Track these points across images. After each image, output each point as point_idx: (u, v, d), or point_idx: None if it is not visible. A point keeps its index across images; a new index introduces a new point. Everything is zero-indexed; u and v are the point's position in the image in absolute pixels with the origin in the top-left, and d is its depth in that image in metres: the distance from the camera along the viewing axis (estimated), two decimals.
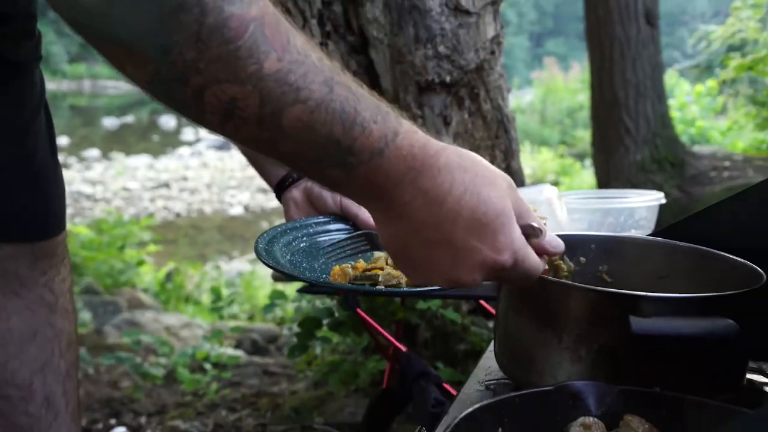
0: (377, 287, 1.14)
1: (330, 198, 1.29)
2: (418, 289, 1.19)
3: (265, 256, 1.18)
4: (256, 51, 0.67)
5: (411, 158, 0.76)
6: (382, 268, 1.18)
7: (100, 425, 2.52)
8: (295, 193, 1.31)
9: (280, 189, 1.33)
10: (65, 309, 1.33)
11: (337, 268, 1.17)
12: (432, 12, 2.13)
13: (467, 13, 2.17)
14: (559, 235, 1.14)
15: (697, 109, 10.78)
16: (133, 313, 4.48)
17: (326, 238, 1.29)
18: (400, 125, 0.77)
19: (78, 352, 1.37)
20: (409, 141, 0.77)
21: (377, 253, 1.24)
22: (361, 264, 1.22)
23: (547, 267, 0.90)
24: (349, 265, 1.19)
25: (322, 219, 1.30)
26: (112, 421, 2.57)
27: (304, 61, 0.71)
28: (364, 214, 1.29)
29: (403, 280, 1.14)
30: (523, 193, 1.55)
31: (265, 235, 1.25)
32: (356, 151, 0.74)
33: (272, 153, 0.75)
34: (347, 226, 1.31)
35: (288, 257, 1.22)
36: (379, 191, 0.77)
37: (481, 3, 2.19)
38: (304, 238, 1.27)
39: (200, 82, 0.68)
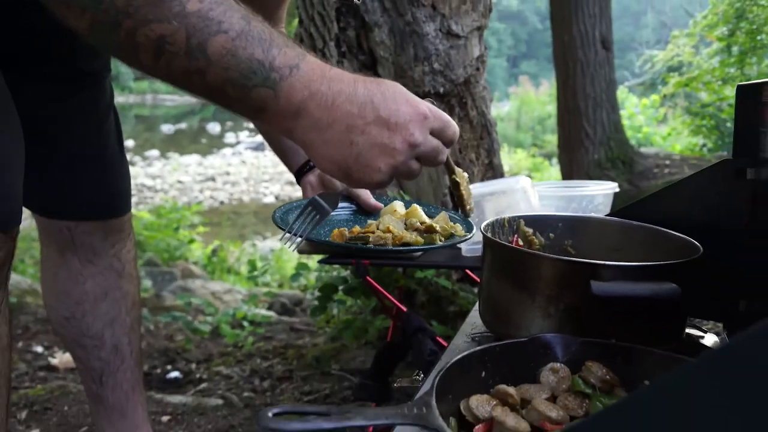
0: (367, 245, 1.14)
1: (339, 181, 1.27)
2: (403, 248, 1.19)
3: (279, 221, 1.20)
4: None
5: (320, 69, 0.74)
6: (373, 232, 1.18)
7: (158, 370, 2.52)
8: (311, 177, 1.31)
9: (299, 174, 1.33)
10: (130, 275, 1.34)
11: (336, 231, 1.18)
12: (428, 36, 2.11)
13: (457, 36, 2.15)
14: (532, 216, 1.13)
15: (643, 118, 10.76)
16: (186, 281, 4.48)
17: (334, 214, 1.32)
18: (304, 49, 0.76)
19: (140, 310, 1.37)
20: (313, 58, 0.75)
21: (370, 221, 1.24)
22: (357, 229, 1.24)
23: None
24: (346, 229, 1.21)
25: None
26: (168, 367, 2.57)
27: (222, 2, 0.69)
28: (365, 195, 1.31)
29: (389, 241, 1.15)
30: (503, 182, 1.54)
31: (282, 207, 1.28)
32: (276, 66, 0.71)
33: (202, 86, 0.71)
34: (352, 205, 1.34)
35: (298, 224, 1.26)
36: (305, 104, 0.73)
37: (469, 28, 2.17)
38: (314, 211, 1.29)
39: (131, 25, 0.66)
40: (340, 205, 1.31)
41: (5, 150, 0.94)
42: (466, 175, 1.05)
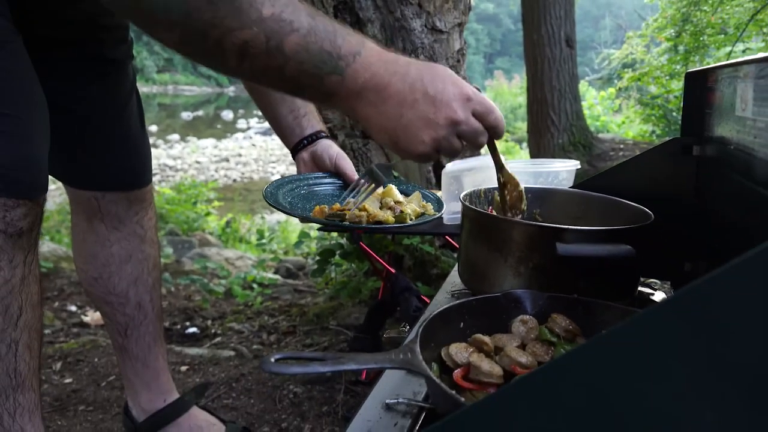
0: (343, 222, 1.09)
1: (327, 159, 1.24)
2: (374, 226, 1.13)
3: (269, 197, 1.14)
4: (254, 2, 0.66)
5: (378, 53, 0.74)
6: (350, 210, 1.15)
7: (178, 326, 2.51)
8: (304, 154, 1.26)
9: (294, 151, 1.27)
10: (152, 240, 1.32)
11: (317, 207, 1.14)
12: (415, 31, 2.07)
13: (440, 31, 2.11)
14: None
15: (600, 108, 10.73)
16: (202, 248, 4.46)
17: (321, 189, 1.27)
18: (366, 38, 0.75)
19: (161, 271, 1.35)
20: (371, 44, 0.74)
21: (349, 199, 1.18)
22: (336, 206, 1.19)
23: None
24: (326, 206, 1.16)
25: (320, 174, 1.26)
26: (187, 324, 2.56)
27: (289, 3, 0.69)
28: (350, 172, 1.25)
29: (364, 219, 1.11)
30: (480, 159, 1.52)
31: (273, 182, 1.22)
32: (343, 55, 0.70)
33: (281, 79, 0.71)
34: (338, 181, 1.27)
35: (288, 200, 1.19)
36: (366, 85, 0.72)
37: (450, 24, 2.13)
38: (305, 187, 1.25)
39: (218, 34, 0.66)
40: (328, 180, 1.27)
41: (31, 123, 0.91)
42: (518, 179, 0.97)
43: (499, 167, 0.95)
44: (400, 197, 1.26)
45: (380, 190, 1.24)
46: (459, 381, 0.65)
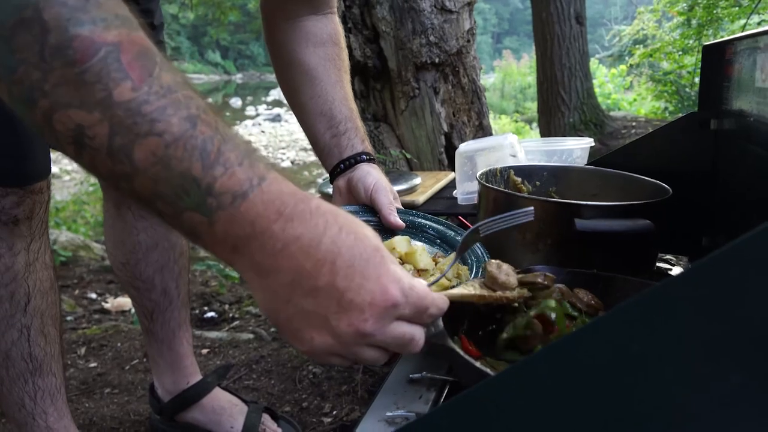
0: None
1: (363, 190, 0.98)
2: None
3: None
4: (105, 77, 0.46)
5: (280, 203, 0.52)
6: None
7: (197, 311, 2.55)
8: (341, 182, 1.03)
9: (332, 177, 1.07)
10: None
11: None
12: (425, 11, 2.06)
13: (450, 11, 2.10)
14: (520, 166, 1.12)
15: (611, 86, 10.62)
16: None
17: None
18: (268, 171, 0.53)
19: (188, 259, 1.36)
20: (278, 186, 0.52)
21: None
22: None
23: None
24: None
25: (352, 208, 1.00)
26: (205, 308, 2.60)
27: (165, 95, 0.49)
28: (385, 209, 0.96)
29: None
30: (492, 139, 1.52)
31: None
32: (216, 192, 0.49)
33: (130, 190, 0.50)
34: (373, 218, 0.98)
35: None
36: (246, 242, 0.51)
37: (460, 4, 2.12)
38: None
39: (47, 105, 0.47)
40: (362, 217, 0.98)
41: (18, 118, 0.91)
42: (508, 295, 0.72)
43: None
44: (425, 264, 0.90)
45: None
46: (467, 348, 0.66)
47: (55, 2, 0.45)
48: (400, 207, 0.99)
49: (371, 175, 1.00)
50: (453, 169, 1.58)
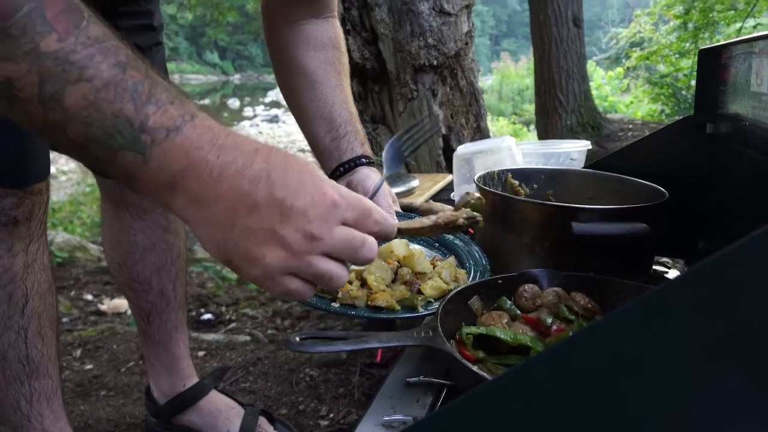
0: (333, 304, 0.79)
1: (362, 194, 0.85)
2: (368, 315, 0.79)
3: None
4: (30, 30, 0.48)
5: (212, 134, 0.53)
6: (350, 282, 0.83)
7: (193, 313, 2.54)
8: (340, 184, 1.02)
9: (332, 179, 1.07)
10: (176, 230, 1.32)
11: None
12: (423, 14, 2.07)
13: (448, 14, 2.10)
14: (518, 169, 1.12)
15: (609, 89, 10.65)
16: None
17: None
18: (199, 110, 0.54)
19: (185, 261, 1.36)
20: (209, 122, 0.54)
21: (353, 267, 0.85)
22: None
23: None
24: None
25: None
26: (202, 310, 2.59)
27: (93, 44, 0.50)
28: (386, 210, 0.93)
29: (360, 302, 0.80)
30: (490, 142, 1.53)
31: None
32: (150, 128, 0.51)
33: (64, 140, 0.51)
34: None
35: None
36: (182, 174, 0.52)
37: (458, 6, 2.12)
38: None
39: None
40: None
41: None
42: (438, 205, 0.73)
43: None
44: (423, 267, 0.88)
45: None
46: (465, 354, 0.66)
47: None
48: (399, 210, 0.99)
49: (371, 179, 1.00)
50: (451, 172, 1.58)
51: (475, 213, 0.72)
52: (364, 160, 1.03)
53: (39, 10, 0.48)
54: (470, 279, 0.88)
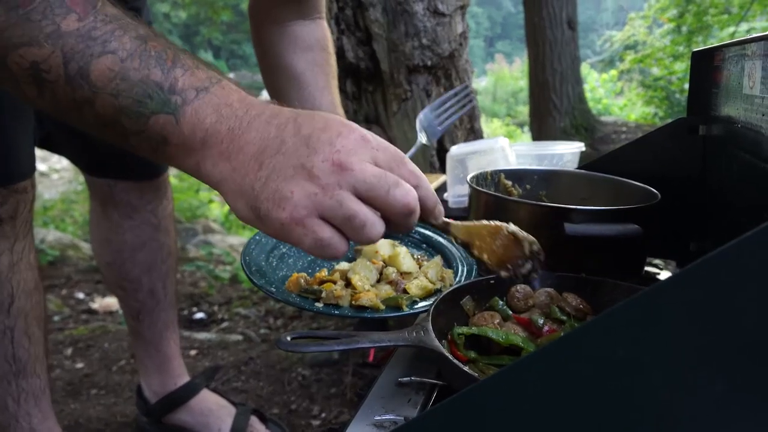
0: (316, 304, 0.78)
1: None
2: (352, 315, 0.78)
3: (245, 259, 0.85)
4: (50, 13, 0.49)
5: (238, 95, 0.54)
6: (335, 282, 0.82)
7: (185, 312, 2.53)
8: None
9: None
10: (166, 229, 1.32)
11: (294, 275, 0.81)
12: (417, 14, 2.07)
13: (442, 14, 2.10)
14: (511, 170, 1.12)
15: (602, 91, 10.69)
16: (206, 235, 4.47)
17: None
18: (223, 75, 0.56)
19: (176, 260, 1.36)
20: (233, 85, 0.55)
21: (339, 265, 0.86)
22: (321, 274, 0.84)
23: None
24: (305, 275, 0.82)
25: None
26: (194, 309, 2.58)
27: (112, 21, 0.51)
28: None
29: (344, 302, 0.78)
30: (484, 142, 1.53)
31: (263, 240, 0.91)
32: (179, 89, 0.52)
33: (93, 118, 0.52)
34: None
35: (271, 258, 0.89)
36: (214, 129, 0.52)
37: (453, 7, 2.12)
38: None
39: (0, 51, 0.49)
40: None
41: (3, 117, 0.90)
42: (497, 223, 0.66)
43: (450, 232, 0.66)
44: (408, 267, 0.87)
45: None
46: (456, 354, 0.66)
47: None
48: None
49: None
50: (444, 172, 1.58)
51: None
52: None
53: None
54: (457, 279, 0.88)
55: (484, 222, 0.65)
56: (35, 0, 0.49)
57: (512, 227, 0.64)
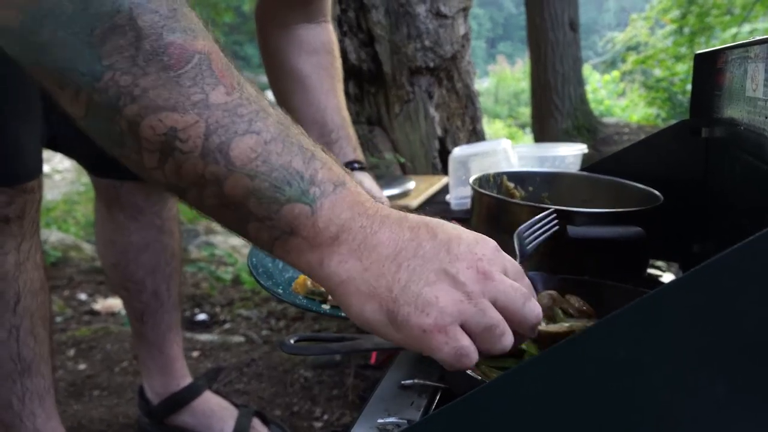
0: (323, 306, 0.80)
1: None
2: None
3: (252, 261, 0.85)
4: (201, 81, 0.47)
5: (365, 195, 0.54)
6: None
7: (187, 313, 2.53)
8: None
9: None
10: (170, 230, 1.32)
11: (301, 277, 0.83)
12: (420, 16, 2.07)
13: (445, 16, 2.11)
14: (513, 172, 1.12)
15: (604, 92, 10.69)
16: (208, 236, 4.47)
17: None
18: (350, 174, 0.55)
19: (180, 262, 1.36)
20: (357, 185, 0.54)
21: None
22: None
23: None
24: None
25: None
26: (196, 311, 2.58)
27: (255, 101, 0.50)
28: None
29: None
30: (486, 144, 1.53)
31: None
32: (319, 181, 0.50)
33: (214, 196, 0.49)
34: None
35: (274, 261, 0.88)
36: (348, 225, 0.51)
37: (455, 9, 2.12)
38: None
39: (135, 111, 0.46)
40: None
41: (6, 106, 0.90)
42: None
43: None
44: None
45: None
46: None
47: (147, 9, 0.45)
48: None
49: (364, 184, 0.98)
50: (447, 174, 1.59)
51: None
52: (356, 165, 1.04)
53: (207, 62, 0.47)
54: None
55: (564, 328, 0.67)
56: (188, 64, 0.46)
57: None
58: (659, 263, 1.11)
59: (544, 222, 0.75)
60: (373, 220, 0.52)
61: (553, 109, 6.29)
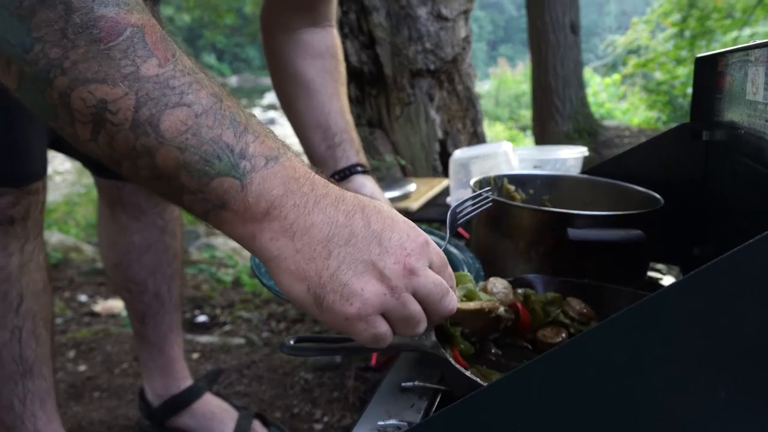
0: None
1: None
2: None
3: (255, 260, 0.83)
4: (132, 53, 0.47)
5: (303, 170, 0.53)
6: None
7: (188, 315, 2.53)
8: None
9: None
10: (173, 231, 1.32)
11: None
12: (421, 18, 2.08)
13: (446, 19, 2.11)
14: (514, 174, 1.12)
15: (605, 95, 10.68)
16: (209, 238, 4.47)
17: None
18: (288, 148, 0.54)
19: (182, 263, 1.36)
20: (298, 159, 0.54)
21: None
22: None
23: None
24: None
25: None
26: (197, 312, 2.58)
27: (189, 73, 0.49)
28: None
29: None
30: (487, 147, 1.53)
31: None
32: (250, 155, 0.50)
33: (147, 168, 0.49)
34: None
35: None
36: (279, 202, 0.51)
37: (456, 12, 2.13)
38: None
39: (65, 83, 0.46)
40: None
41: (12, 108, 0.90)
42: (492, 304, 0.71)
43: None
44: None
45: None
46: (459, 359, 0.66)
47: None
48: None
49: (366, 187, 1.01)
50: (447, 176, 1.59)
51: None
52: (359, 168, 1.04)
53: (140, 35, 0.47)
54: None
55: (472, 306, 0.68)
56: (119, 37, 0.46)
57: (500, 310, 0.71)
58: (660, 266, 1.11)
59: (477, 200, 0.76)
60: (307, 199, 0.51)
61: (554, 111, 6.29)
